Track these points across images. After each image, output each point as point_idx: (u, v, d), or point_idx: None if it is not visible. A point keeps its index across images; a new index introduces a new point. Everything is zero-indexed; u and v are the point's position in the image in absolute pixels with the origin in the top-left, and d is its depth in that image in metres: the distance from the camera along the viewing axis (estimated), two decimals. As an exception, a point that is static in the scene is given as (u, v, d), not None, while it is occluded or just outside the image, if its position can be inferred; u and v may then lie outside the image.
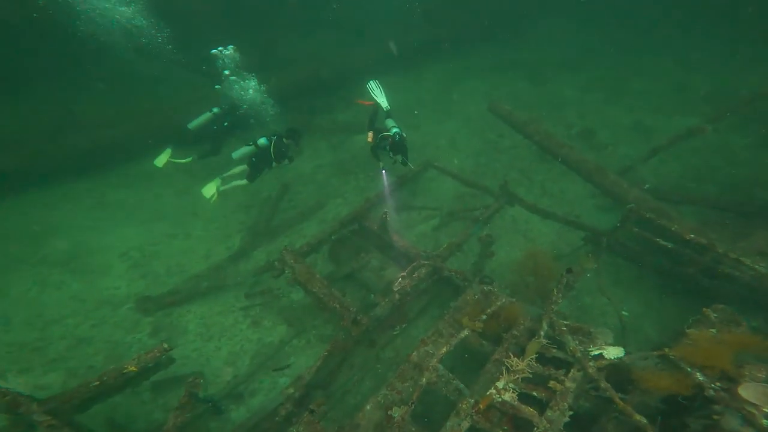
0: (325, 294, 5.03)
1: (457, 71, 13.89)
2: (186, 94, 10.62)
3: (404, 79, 13.22)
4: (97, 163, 9.07)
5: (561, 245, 6.93)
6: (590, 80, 13.08)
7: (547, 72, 13.66)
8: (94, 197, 8.28)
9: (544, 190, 8.70)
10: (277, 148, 7.08)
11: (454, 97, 12.42)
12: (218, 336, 5.52)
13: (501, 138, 10.55)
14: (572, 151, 6.92)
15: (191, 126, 8.13)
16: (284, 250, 5.53)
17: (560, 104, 11.87)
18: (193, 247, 7.19)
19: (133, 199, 8.39)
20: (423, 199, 8.35)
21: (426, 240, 7.30)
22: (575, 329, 3.94)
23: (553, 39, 16.65)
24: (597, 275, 5.58)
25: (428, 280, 5.67)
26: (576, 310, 5.58)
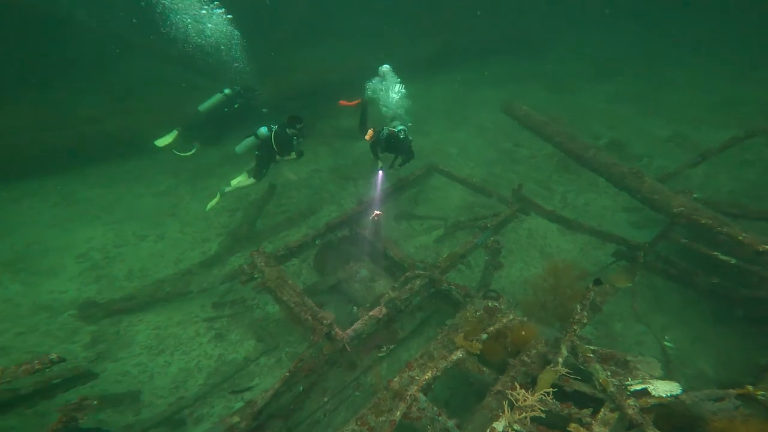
0: (296, 303, 4.38)
1: (471, 81, 13.60)
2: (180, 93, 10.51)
3: (414, 87, 12.91)
4: (78, 160, 8.88)
5: (585, 263, 6.14)
6: (620, 91, 12.56)
7: (571, 83, 13.23)
8: (63, 194, 7.99)
9: (565, 202, 7.99)
10: (279, 138, 6.48)
11: (468, 106, 12.00)
12: (171, 350, 4.88)
13: (517, 147, 10.01)
14: (600, 153, 6.23)
15: (202, 108, 8.02)
16: (254, 252, 4.96)
17: (586, 115, 11.33)
18: (164, 251, 6.69)
19: (108, 198, 8.07)
20: (426, 209, 7.75)
21: (426, 252, 6.64)
22: (606, 357, 3.16)
23: (576, 51, 16.38)
24: (631, 297, 4.76)
25: (424, 294, 4.97)
26: (603, 338, 4.75)
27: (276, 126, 6.56)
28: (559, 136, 6.82)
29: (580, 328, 3.20)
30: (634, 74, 13.74)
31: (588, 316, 3.32)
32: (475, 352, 3.40)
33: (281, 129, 6.51)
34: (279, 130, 6.51)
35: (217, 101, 7.88)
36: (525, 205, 6.35)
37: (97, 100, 10.61)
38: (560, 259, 4.52)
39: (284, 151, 6.62)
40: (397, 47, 13.22)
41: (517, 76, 13.98)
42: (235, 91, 8.04)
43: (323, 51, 13.86)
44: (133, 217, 7.54)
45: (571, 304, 3.94)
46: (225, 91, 7.93)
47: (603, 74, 13.80)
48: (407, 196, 8.06)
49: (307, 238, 5.63)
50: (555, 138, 6.85)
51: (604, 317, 4.97)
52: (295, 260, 6.60)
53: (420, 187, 8.17)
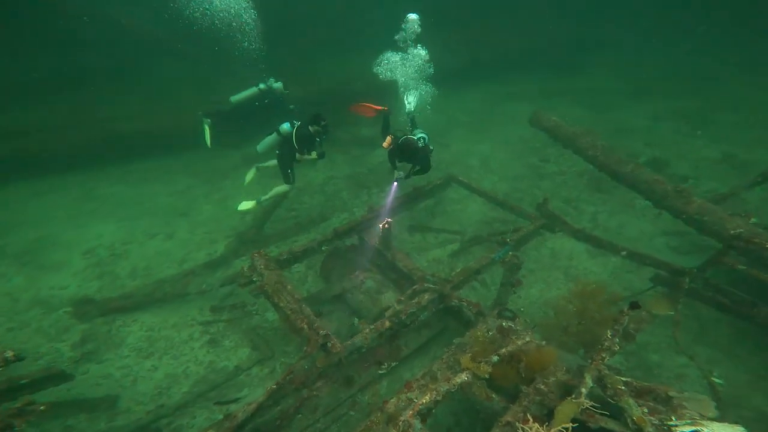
0: (293, 311, 4.10)
1: (499, 95, 13.33)
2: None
3: (438, 99, 12.74)
4: (104, 158, 9.16)
5: (617, 288, 5.57)
6: (665, 109, 11.86)
7: (609, 100, 12.69)
8: (84, 190, 8.17)
9: (596, 223, 7.44)
10: (301, 135, 6.23)
11: (493, 119, 11.68)
12: (161, 353, 4.68)
13: (545, 163, 9.55)
14: (640, 168, 5.70)
15: (233, 99, 8.04)
16: (255, 254, 4.75)
17: (624, 133, 10.70)
18: (171, 250, 6.62)
19: (125, 195, 8.20)
20: (442, 222, 7.41)
21: (439, 267, 6.27)
22: (643, 390, 2.69)
23: (613, 69, 15.79)
24: (671, 326, 4.20)
25: (432, 310, 4.59)
26: (635, 370, 4.19)
27: (298, 123, 6.38)
28: (592, 149, 6.32)
29: (609, 356, 2.75)
30: (680, 93, 13.01)
31: (620, 343, 2.86)
32: (483, 376, 2.98)
33: (303, 126, 6.32)
34: (301, 127, 6.32)
35: (249, 94, 7.88)
36: (550, 221, 5.89)
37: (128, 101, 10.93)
38: (589, 281, 4.04)
39: (305, 149, 6.36)
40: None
41: (550, 91, 13.57)
42: (269, 86, 8.00)
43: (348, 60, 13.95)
44: (147, 215, 7.59)
45: (599, 330, 3.47)
46: (260, 85, 7.92)
47: (644, 92, 13.16)
48: (423, 207, 7.75)
49: (313, 244, 5.39)
50: (588, 151, 6.37)
51: (637, 347, 4.42)
52: (301, 266, 6.40)
53: (437, 199, 7.84)
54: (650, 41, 17.16)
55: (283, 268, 5.13)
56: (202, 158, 10.00)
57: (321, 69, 12.90)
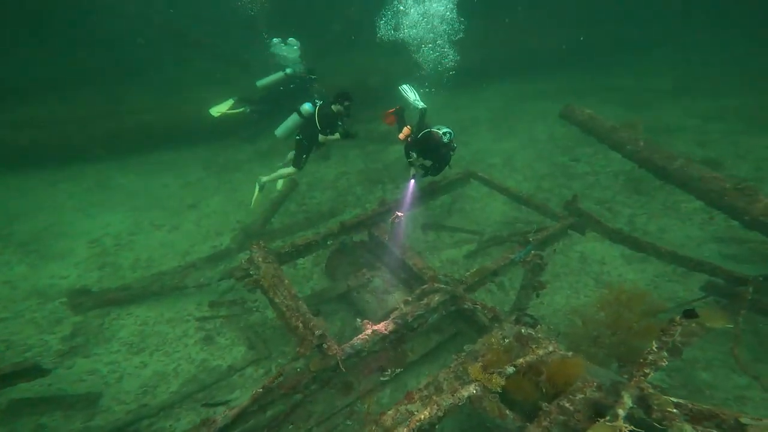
0: (288, 307, 3.78)
1: (526, 92, 12.76)
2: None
3: (460, 97, 12.35)
4: (121, 149, 9.27)
5: (658, 297, 4.99)
6: (715, 108, 10.88)
7: (652, 98, 11.84)
8: (98, 180, 8.22)
9: (633, 227, 6.82)
10: (324, 114, 5.89)
11: (519, 117, 11.13)
12: (152, 349, 4.46)
13: (576, 163, 8.96)
14: (692, 164, 5.09)
15: (259, 83, 7.90)
16: (254, 246, 4.47)
17: (671, 132, 9.86)
18: (175, 242, 6.49)
19: (137, 186, 8.24)
20: (459, 220, 6.98)
21: (454, 267, 5.85)
22: (702, 415, 2.20)
23: (654, 66, 14.87)
24: (731, 341, 3.61)
25: (442, 312, 4.18)
26: (680, 388, 3.63)
27: (321, 102, 6.07)
28: (632, 144, 5.73)
29: (653, 371, 2.27)
30: (732, 91, 11.99)
31: (666, 357, 2.38)
32: (495, 389, 2.55)
33: (326, 105, 6.00)
34: (324, 106, 5.99)
35: (276, 79, 7.68)
36: (580, 221, 5.35)
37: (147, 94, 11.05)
38: (624, 286, 3.53)
39: (329, 128, 5.99)
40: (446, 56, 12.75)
41: (582, 90, 12.88)
42: (296, 72, 7.79)
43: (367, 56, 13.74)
44: (156, 205, 7.56)
45: (638, 341, 2.98)
46: (287, 70, 7.71)
47: (689, 90, 12.23)
48: (439, 204, 7.36)
49: (317, 237, 5.08)
50: (627, 146, 5.79)
51: (684, 363, 3.84)
52: (307, 263, 6.13)
53: (454, 196, 7.42)
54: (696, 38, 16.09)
55: (283, 263, 4.85)
56: (217, 151, 10.06)
57: (336, 64, 12.74)
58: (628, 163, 8.47)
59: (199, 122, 9.92)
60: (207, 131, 10.06)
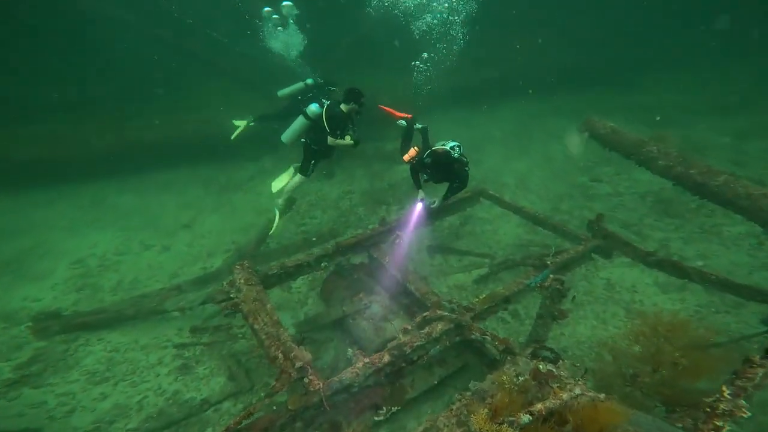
0: (268, 335, 3.41)
1: (541, 110, 12.53)
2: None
3: (473, 114, 12.17)
4: (123, 167, 9.26)
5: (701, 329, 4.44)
6: (751, 126, 10.25)
7: (679, 116, 11.37)
8: (94, 199, 8.19)
9: (667, 252, 6.26)
10: (332, 116, 5.42)
11: (534, 136, 10.84)
12: (118, 379, 4.10)
13: (595, 183, 8.53)
14: (738, 180, 4.61)
15: (281, 93, 7.64)
16: (238, 266, 4.16)
17: (703, 151, 9.28)
18: (165, 263, 6.25)
19: (133, 205, 8.17)
20: (468, 243, 6.61)
21: (462, 293, 5.43)
22: None
23: (679, 86, 14.51)
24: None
25: (446, 343, 3.74)
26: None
27: (329, 101, 5.67)
28: (665, 158, 5.27)
29: (726, 423, 1.80)
30: (765, 109, 11.46)
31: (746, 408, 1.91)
32: (505, 442, 2.10)
33: (335, 105, 5.57)
34: (333, 105, 5.57)
35: (296, 88, 7.44)
36: (606, 243, 4.88)
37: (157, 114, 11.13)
38: (665, 315, 3.05)
39: (338, 130, 5.54)
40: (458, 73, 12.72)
41: (602, 108, 12.53)
42: (317, 83, 7.52)
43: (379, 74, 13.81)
44: (149, 225, 7.43)
45: (687, 380, 2.49)
46: (308, 80, 7.46)
47: (721, 109, 11.73)
48: (447, 226, 6.99)
49: (309, 258, 4.74)
50: (659, 161, 5.31)
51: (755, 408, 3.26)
52: (302, 286, 5.78)
53: (463, 218, 7.08)
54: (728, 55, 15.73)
55: (271, 285, 4.51)
56: (219, 169, 9.99)
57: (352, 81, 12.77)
58: (655, 184, 8.14)
59: (203, 140, 9.99)
60: (210, 149, 10.03)
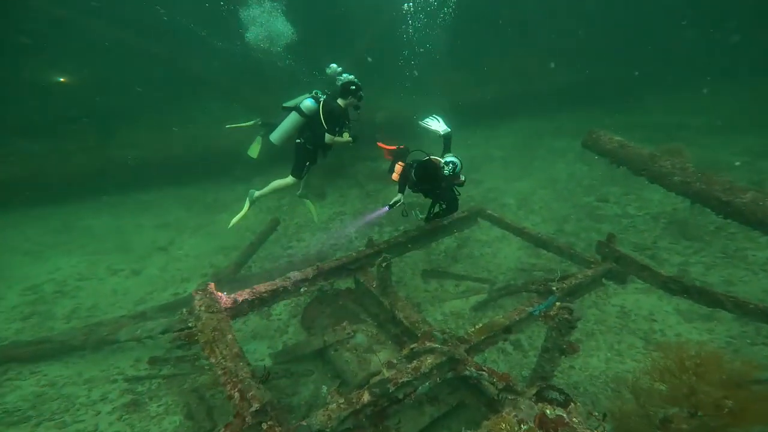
0: (225, 369, 2.98)
1: (542, 130, 12.42)
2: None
3: (473, 134, 12.05)
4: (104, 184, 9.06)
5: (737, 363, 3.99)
6: (765, 145, 10.03)
7: (683, 136, 11.17)
8: (66, 221, 7.97)
9: (687, 278, 5.86)
10: (330, 111, 5.11)
11: (536, 155, 10.65)
12: (43, 418, 3.66)
13: (602, 203, 8.22)
14: (765, 197, 4.26)
15: (285, 105, 7.60)
16: (199, 291, 3.76)
17: (711, 169, 9.06)
18: (132, 288, 5.91)
19: (107, 227, 7.91)
20: (466, 268, 6.25)
21: (458, 322, 5.04)
22: None
23: (684, 105, 14.45)
24: None
25: (437, 379, 3.30)
26: None
27: (325, 96, 5.35)
28: (681, 173, 4.90)
29: None
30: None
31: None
32: None
33: (332, 99, 5.27)
34: (329, 100, 5.26)
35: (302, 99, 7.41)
36: (620, 267, 4.46)
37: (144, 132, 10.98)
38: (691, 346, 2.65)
39: (337, 126, 5.21)
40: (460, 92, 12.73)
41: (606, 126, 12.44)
42: (326, 93, 7.53)
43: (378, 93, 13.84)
44: (122, 248, 7.13)
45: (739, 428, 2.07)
46: (315, 91, 7.47)
47: (732, 127, 11.56)
48: (443, 249, 6.66)
49: (287, 283, 4.32)
50: (674, 177, 4.95)
51: None
52: (283, 313, 5.42)
53: (461, 240, 6.79)
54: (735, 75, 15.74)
55: (240, 314, 4.09)
56: (206, 190, 9.81)
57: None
58: (668, 204, 7.83)
59: (190, 158, 9.83)
60: (199, 168, 9.85)
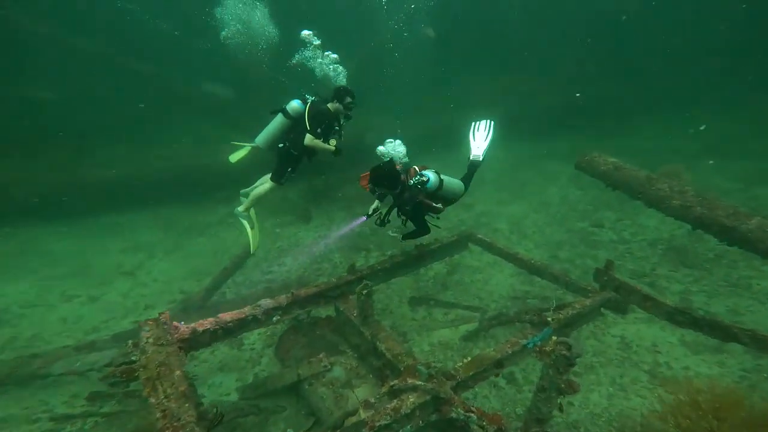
0: (165, 411, 2.61)
1: (534, 152, 12.50)
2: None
3: (461, 156, 11.97)
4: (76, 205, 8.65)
5: (756, 399, 3.72)
6: (757, 171, 10.03)
7: (678, 160, 11.21)
8: (23, 245, 7.61)
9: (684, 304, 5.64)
10: (317, 113, 4.85)
11: (529, 179, 10.60)
12: None
13: (597, 228, 8.09)
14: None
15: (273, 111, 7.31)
16: (150, 321, 3.37)
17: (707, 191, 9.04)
18: (86, 316, 5.61)
19: (69, 250, 7.59)
20: (456, 295, 6.01)
21: (447, 353, 4.75)
22: None
23: (673, 128, 14.67)
24: None
25: (419, 421, 2.98)
26: None
27: (313, 98, 5.04)
28: (680, 198, 4.75)
29: None
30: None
31: None
32: None
33: (321, 102, 4.98)
34: (319, 102, 4.97)
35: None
36: (619, 296, 4.20)
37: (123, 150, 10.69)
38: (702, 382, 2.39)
39: (320, 128, 4.90)
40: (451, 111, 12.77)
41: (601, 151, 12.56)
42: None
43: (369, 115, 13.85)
44: (82, 273, 6.81)
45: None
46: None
47: (722, 152, 11.62)
48: (432, 275, 6.40)
49: (257, 312, 3.96)
50: (672, 201, 4.78)
51: None
52: (256, 342, 5.08)
53: (451, 265, 6.54)
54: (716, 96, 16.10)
55: (201, 345, 3.69)
56: (185, 211, 9.55)
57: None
58: (665, 230, 7.70)
59: (170, 178, 9.53)
60: (179, 189, 9.52)
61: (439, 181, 4.10)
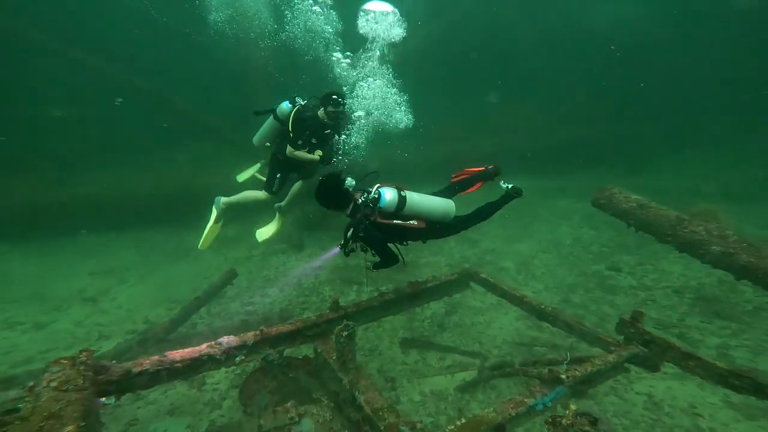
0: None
1: (544, 188, 12.11)
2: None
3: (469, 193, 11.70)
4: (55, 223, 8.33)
5: None
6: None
7: (694, 202, 10.87)
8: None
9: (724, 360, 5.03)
10: (299, 120, 4.63)
11: (538, 216, 10.20)
12: None
13: (614, 272, 7.54)
14: None
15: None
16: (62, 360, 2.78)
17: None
18: (22, 346, 5.17)
19: (29, 273, 7.19)
20: (453, 338, 5.45)
21: (439, 405, 4.14)
22: None
23: (693, 169, 14.42)
24: None
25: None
26: None
27: (304, 101, 4.83)
28: (720, 243, 4.22)
29: None
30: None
31: None
32: None
33: (309, 108, 4.74)
34: (307, 107, 4.73)
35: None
36: (648, 350, 3.62)
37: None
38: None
39: (300, 137, 4.64)
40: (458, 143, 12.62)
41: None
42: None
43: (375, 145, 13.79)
44: (35, 297, 6.40)
45: None
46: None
47: (744, 195, 11.22)
48: (429, 315, 5.87)
49: (215, 351, 3.39)
50: (711, 246, 4.25)
51: None
52: (221, 382, 4.55)
53: (451, 305, 5.99)
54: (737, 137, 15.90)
55: (140, 387, 3.10)
56: (172, 234, 9.11)
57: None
58: (692, 277, 7.12)
59: (158, 199, 9.21)
60: (167, 210, 9.11)
61: (398, 198, 3.55)
